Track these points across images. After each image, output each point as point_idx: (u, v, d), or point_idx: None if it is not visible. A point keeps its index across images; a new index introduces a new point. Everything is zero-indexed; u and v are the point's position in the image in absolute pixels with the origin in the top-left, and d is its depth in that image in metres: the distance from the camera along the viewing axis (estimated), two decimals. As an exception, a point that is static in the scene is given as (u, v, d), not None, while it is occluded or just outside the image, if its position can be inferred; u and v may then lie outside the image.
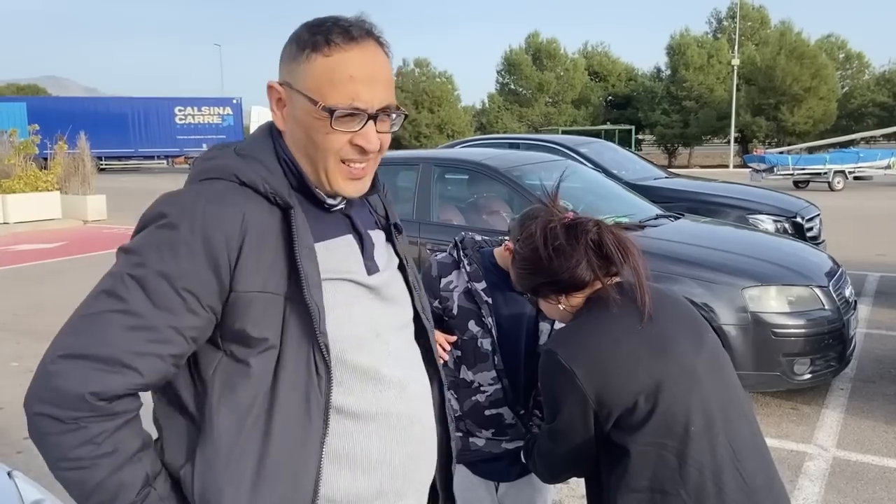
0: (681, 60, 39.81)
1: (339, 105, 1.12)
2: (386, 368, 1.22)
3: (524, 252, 1.61)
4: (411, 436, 1.25)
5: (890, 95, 39.02)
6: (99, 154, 34.50)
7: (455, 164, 5.85)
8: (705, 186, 8.06)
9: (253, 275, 1.10)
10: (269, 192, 1.14)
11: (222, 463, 1.09)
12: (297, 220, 1.14)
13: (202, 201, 1.10)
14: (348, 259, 1.22)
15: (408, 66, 46.90)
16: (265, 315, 1.11)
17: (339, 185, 1.19)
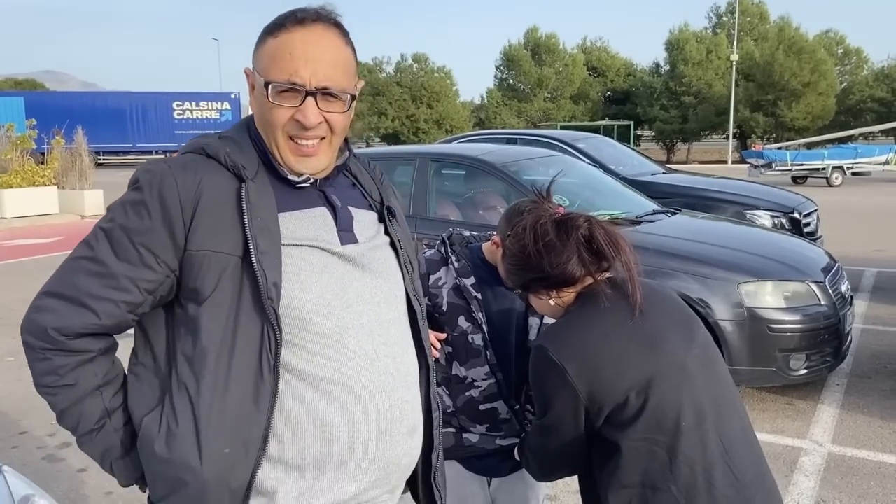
0: (680, 56, 39.79)
1: (274, 79, 1.20)
2: (353, 339, 1.24)
3: (514, 248, 1.59)
4: (377, 411, 1.25)
5: (888, 91, 39.01)
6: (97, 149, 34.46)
7: (452, 159, 5.85)
8: (702, 182, 8.05)
9: (207, 235, 1.18)
10: (229, 164, 1.22)
11: (181, 412, 1.18)
12: (251, 190, 1.21)
13: (167, 168, 1.21)
14: (317, 228, 1.27)
15: (406, 61, 46.87)
16: (218, 274, 1.18)
17: (291, 161, 1.25)
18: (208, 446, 1.16)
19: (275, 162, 1.26)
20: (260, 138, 1.28)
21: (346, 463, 1.23)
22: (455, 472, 2.09)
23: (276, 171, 1.26)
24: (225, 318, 1.17)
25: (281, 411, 1.19)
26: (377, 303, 1.29)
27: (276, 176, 1.27)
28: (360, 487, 1.26)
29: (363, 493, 1.27)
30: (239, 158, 1.23)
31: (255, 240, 1.17)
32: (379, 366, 1.26)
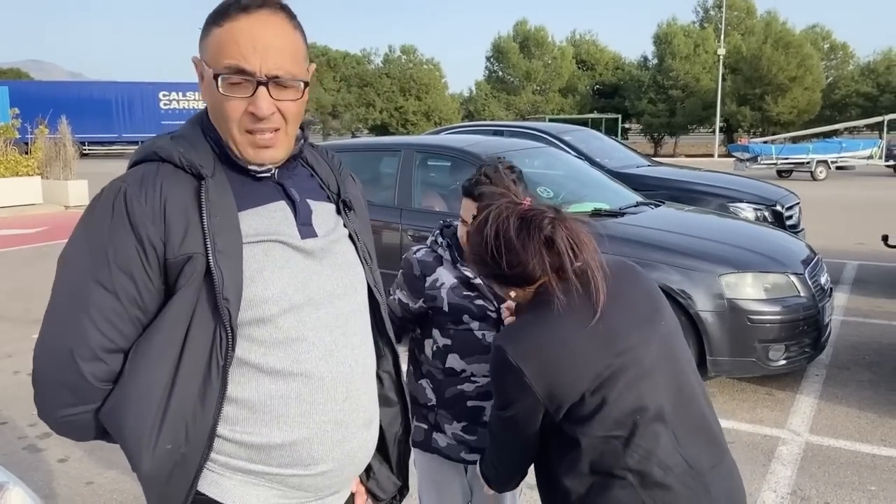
0: (667, 49, 39.85)
1: (221, 69, 1.16)
2: (312, 331, 1.24)
3: (475, 240, 1.55)
4: (334, 400, 1.25)
5: (874, 86, 39.28)
6: (82, 139, 34.13)
7: (437, 150, 5.84)
8: (687, 175, 8.10)
9: (179, 241, 1.17)
10: (184, 164, 1.20)
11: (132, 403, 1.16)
12: (209, 189, 1.19)
13: (125, 187, 1.18)
14: (278, 223, 1.25)
15: (394, 53, 46.71)
16: (190, 273, 1.17)
17: (249, 153, 1.22)
18: (160, 442, 1.16)
19: (232, 155, 1.23)
20: (214, 132, 1.24)
21: (297, 452, 1.22)
22: (431, 459, 2.10)
23: (234, 165, 1.24)
24: (182, 316, 1.16)
25: (235, 401, 1.20)
26: (337, 296, 1.28)
27: (235, 170, 1.24)
28: (313, 479, 1.25)
29: (316, 482, 1.26)
30: (194, 157, 1.20)
31: (212, 238, 1.16)
32: (337, 357, 1.26)
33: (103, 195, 1.19)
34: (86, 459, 3.75)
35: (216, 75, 1.16)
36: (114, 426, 1.17)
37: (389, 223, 5.40)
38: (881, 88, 39.12)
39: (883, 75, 39.53)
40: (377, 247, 5.83)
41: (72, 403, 1.16)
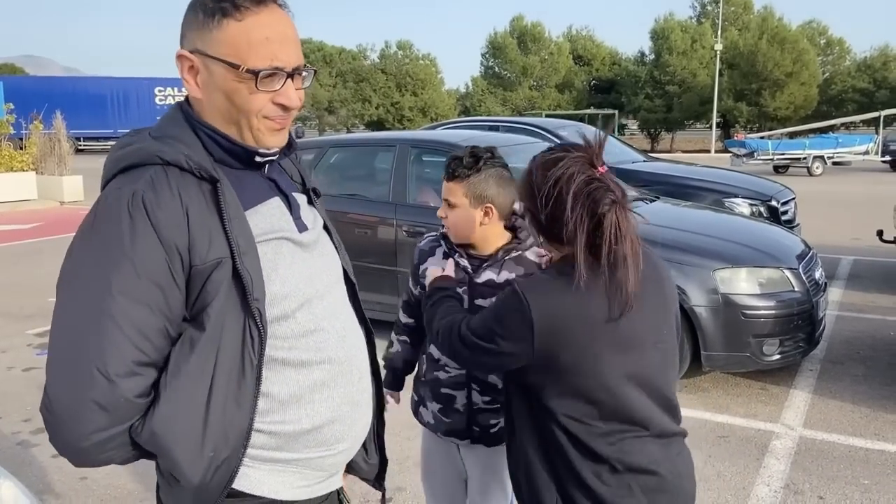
0: (664, 45, 39.85)
1: (260, 66, 1.16)
2: (325, 321, 1.27)
3: (538, 173, 1.51)
4: (351, 382, 1.31)
5: (870, 81, 39.35)
6: (77, 135, 33.97)
7: (431, 145, 5.83)
8: (682, 170, 8.10)
9: (206, 247, 1.14)
10: (193, 168, 1.17)
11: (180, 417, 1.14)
12: (225, 192, 1.17)
13: (138, 197, 1.12)
14: (281, 219, 1.26)
15: (390, 49, 46.62)
16: (216, 280, 1.15)
17: (266, 139, 1.23)
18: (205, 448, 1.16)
19: (242, 144, 1.22)
20: (210, 128, 1.22)
21: (323, 433, 1.27)
22: (424, 430, 2.19)
23: (226, 163, 1.23)
24: (220, 323, 1.14)
25: (266, 396, 1.21)
26: (332, 283, 1.33)
27: (230, 168, 1.24)
28: (333, 458, 1.31)
29: (336, 460, 1.32)
30: (197, 159, 1.18)
31: (236, 241, 1.15)
32: (348, 341, 1.32)
33: (112, 202, 1.13)
34: (79, 455, 3.75)
35: (252, 71, 1.15)
36: (159, 443, 1.13)
37: (384, 219, 5.39)
38: (877, 84, 39.18)
39: (879, 71, 39.60)
40: (372, 242, 5.83)
41: (105, 426, 1.10)
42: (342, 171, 6.06)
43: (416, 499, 3.31)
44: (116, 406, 1.09)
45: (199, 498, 1.18)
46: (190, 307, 1.15)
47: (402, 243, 5.29)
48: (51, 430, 1.11)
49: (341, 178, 5.98)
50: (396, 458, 3.69)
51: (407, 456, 3.72)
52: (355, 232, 5.43)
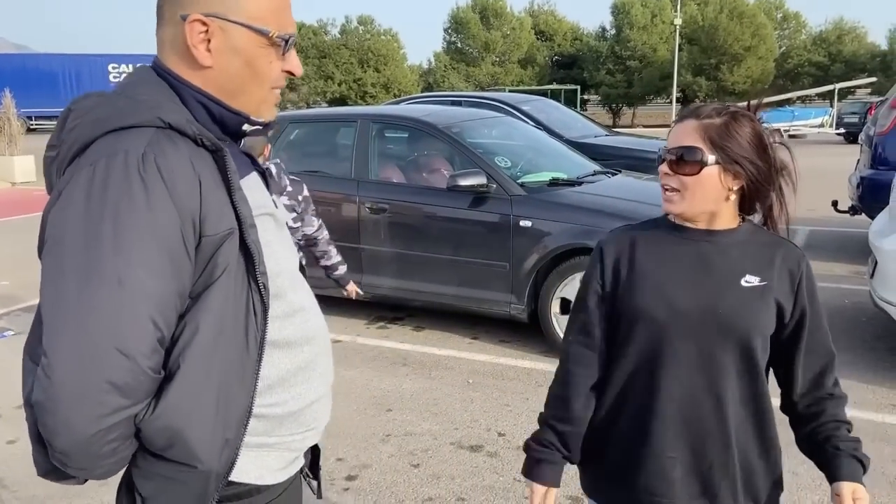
0: (625, 20, 40.00)
1: (287, 34, 1.15)
2: (305, 299, 1.28)
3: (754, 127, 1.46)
4: (327, 362, 1.32)
5: (825, 55, 40.06)
6: (28, 114, 32.93)
7: (393, 120, 5.77)
8: (644, 143, 8.17)
9: (217, 217, 1.07)
10: (196, 134, 1.09)
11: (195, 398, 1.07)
12: (229, 161, 1.11)
13: (151, 161, 1.03)
14: (262, 194, 1.23)
15: (351, 24, 45.96)
16: (226, 252, 1.09)
17: (267, 111, 1.21)
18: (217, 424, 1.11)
19: (246, 115, 1.18)
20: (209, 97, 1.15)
21: (306, 416, 1.26)
22: None
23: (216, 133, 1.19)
24: (230, 296, 1.09)
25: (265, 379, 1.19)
26: (295, 262, 1.32)
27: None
28: (313, 438, 1.31)
29: (310, 440, 1.32)
30: (201, 127, 1.11)
31: (243, 217, 1.10)
32: (320, 320, 1.32)
33: (117, 165, 1.01)
34: (37, 440, 3.67)
35: (285, 38, 1.15)
36: (174, 426, 1.05)
37: (347, 195, 5.34)
38: (832, 58, 39.91)
39: (834, 45, 40.32)
40: (336, 219, 5.79)
41: (117, 407, 1.00)
42: (302, 147, 5.97)
43: (382, 475, 3.32)
44: (134, 386, 1.00)
45: (206, 489, 1.10)
46: (195, 281, 1.07)
47: (364, 220, 5.25)
48: (51, 420, 0.99)
49: (302, 155, 5.90)
50: (362, 434, 3.69)
51: (373, 433, 3.73)
52: (318, 210, 5.37)
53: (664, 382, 1.46)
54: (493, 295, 4.87)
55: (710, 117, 1.43)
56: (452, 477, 3.29)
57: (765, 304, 1.45)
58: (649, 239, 1.54)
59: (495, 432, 3.73)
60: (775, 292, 1.45)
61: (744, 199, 1.48)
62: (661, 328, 1.46)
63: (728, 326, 1.43)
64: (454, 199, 4.94)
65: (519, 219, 4.72)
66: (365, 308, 5.66)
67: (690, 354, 1.44)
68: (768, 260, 1.48)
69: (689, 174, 1.42)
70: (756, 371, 1.45)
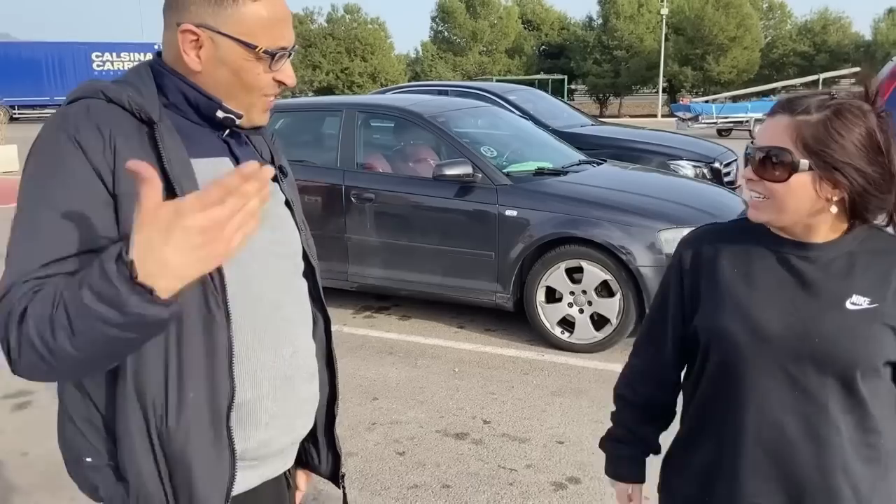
0: (612, 9, 39.97)
1: (276, 48, 1.20)
2: (258, 286, 1.24)
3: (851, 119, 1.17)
4: (282, 357, 1.27)
5: (810, 45, 40.20)
6: (10, 103, 32.60)
7: (379, 110, 5.77)
8: (629, 133, 8.20)
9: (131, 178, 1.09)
10: (134, 109, 1.16)
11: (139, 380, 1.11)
12: (163, 133, 1.16)
13: (71, 120, 1.13)
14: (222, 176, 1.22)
15: (338, 12, 45.68)
16: None
17: (258, 118, 1.27)
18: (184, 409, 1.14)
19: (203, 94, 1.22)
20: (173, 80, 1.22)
21: (255, 411, 1.23)
22: None
23: (181, 112, 1.23)
24: None
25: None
26: (277, 255, 1.30)
27: (184, 118, 1.23)
28: (268, 435, 1.26)
29: (270, 441, 1.27)
30: (142, 102, 1.18)
31: (178, 182, 1.13)
32: (283, 313, 1.28)
33: (48, 125, 1.16)
34: (22, 430, 3.66)
35: (271, 53, 1.19)
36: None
37: (332, 184, 5.33)
38: (817, 48, 40.07)
39: (819, 35, 40.46)
40: (320, 208, 5.78)
41: None
42: (287, 136, 5.94)
43: (368, 463, 3.34)
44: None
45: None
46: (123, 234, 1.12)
47: (350, 210, 5.25)
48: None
49: (287, 145, 5.86)
50: (349, 423, 3.71)
51: (359, 421, 3.75)
52: (304, 199, 5.35)
53: (748, 419, 1.26)
54: (478, 284, 4.89)
55: (807, 113, 1.17)
56: (438, 464, 3.31)
57: (876, 331, 1.19)
58: (737, 246, 1.31)
59: (480, 420, 3.76)
60: (889, 316, 1.20)
61: (854, 206, 1.20)
62: (743, 356, 1.25)
63: (826, 358, 1.20)
64: (440, 189, 4.94)
65: (504, 208, 4.74)
66: (351, 297, 5.67)
67: (780, 389, 1.23)
68: (883, 275, 1.22)
69: (777, 180, 1.18)
70: (865, 412, 1.22)
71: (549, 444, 3.49)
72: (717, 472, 1.31)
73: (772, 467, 1.25)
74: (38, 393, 4.05)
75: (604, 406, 3.91)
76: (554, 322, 4.70)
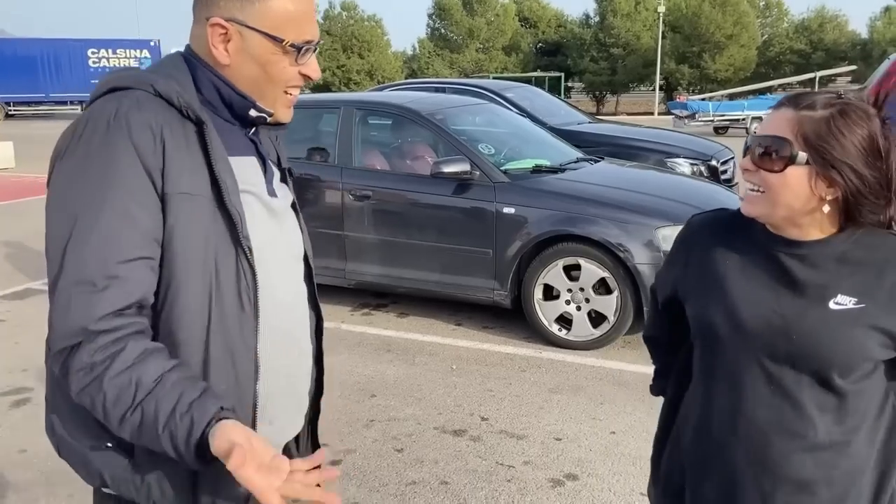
0: (609, 7, 39.94)
1: (302, 42, 1.22)
2: (280, 289, 1.28)
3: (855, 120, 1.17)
4: (289, 356, 1.32)
5: (807, 43, 40.25)
6: (6, 99, 32.52)
7: (377, 107, 5.77)
8: (626, 131, 8.21)
9: (179, 177, 1.14)
10: (182, 105, 1.18)
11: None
12: (211, 133, 1.19)
13: (122, 116, 1.12)
14: (253, 175, 1.28)
15: (335, 10, 45.61)
16: (197, 215, 1.15)
17: (281, 112, 1.29)
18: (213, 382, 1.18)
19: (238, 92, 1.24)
20: (207, 75, 1.24)
21: (265, 408, 1.26)
22: None
23: (217, 112, 1.25)
24: (210, 262, 1.16)
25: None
26: (292, 256, 1.35)
27: (218, 116, 1.26)
28: (272, 432, 1.28)
29: (273, 437, 1.27)
30: (188, 99, 1.19)
31: (223, 179, 1.17)
32: (295, 315, 1.33)
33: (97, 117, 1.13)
34: (19, 426, 3.66)
35: (298, 47, 1.21)
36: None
37: (330, 182, 5.33)
38: (814, 46, 40.12)
39: (816, 33, 40.52)
40: (318, 206, 5.78)
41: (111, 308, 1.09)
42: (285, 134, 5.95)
43: (366, 459, 3.35)
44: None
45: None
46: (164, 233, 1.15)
47: (348, 207, 5.25)
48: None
49: (285, 141, 5.86)
50: (346, 420, 3.71)
51: (356, 419, 3.75)
52: (302, 197, 5.36)
53: (726, 407, 1.30)
54: (476, 281, 4.90)
55: (811, 108, 1.18)
56: (436, 461, 3.32)
57: (857, 333, 1.19)
58: (731, 239, 1.32)
59: (478, 417, 3.77)
60: (876, 317, 1.19)
61: (848, 208, 1.20)
62: (724, 349, 1.28)
63: (801, 356, 1.22)
64: (438, 186, 4.95)
65: (502, 206, 4.74)
66: (349, 295, 5.67)
67: (758, 383, 1.25)
68: (875, 275, 1.21)
69: (773, 170, 1.19)
70: (844, 410, 1.23)
71: (546, 441, 3.50)
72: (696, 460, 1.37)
73: (748, 463, 1.28)
74: (36, 390, 4.05)
75: (601, 403, 3.92)
76: (551, 319, 4.71)
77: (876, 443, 1.26)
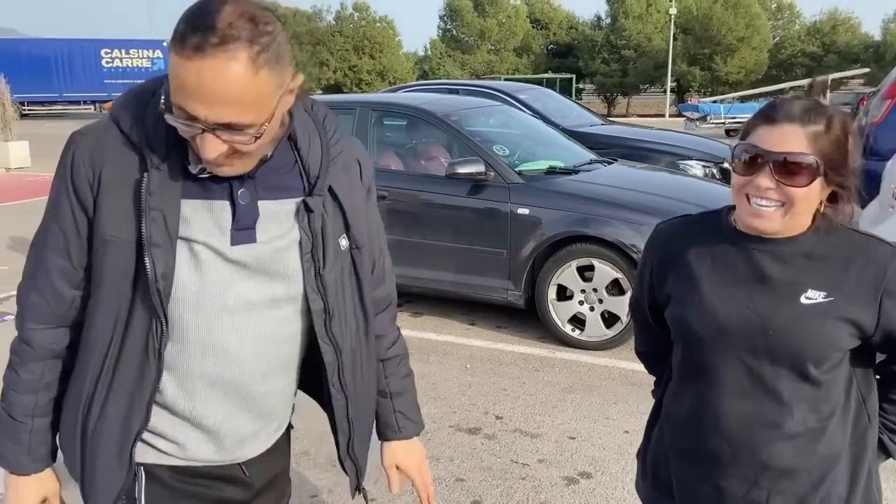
0: (620, 8, 39.91)
1: (183, 116, 1.07)
2: (216, 335, 1.22)
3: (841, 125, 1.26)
4: (238, 399, 1.29)
5: (819, 45, 40.06)
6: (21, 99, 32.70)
7: (392, 108, 5.81)
8: (639, 133, 8.23)
9: (108, 219, 1.17)
10: (140, 146, 1.17)
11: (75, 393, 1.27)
12: (153, 179, 1.15)
13: (79, 136, 1.21)
14: (213, 224, 1.19)
15: (346, 10, 45.77)
16: (114, 259, 1.18)
17: (211, 168, 1.15)
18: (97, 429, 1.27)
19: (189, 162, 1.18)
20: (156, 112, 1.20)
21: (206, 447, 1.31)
22: None
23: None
24: (118, 305, 1.20)
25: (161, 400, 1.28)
26: (261, 302, 1.24)
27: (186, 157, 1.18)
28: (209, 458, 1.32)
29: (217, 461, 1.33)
30: (152, 137, 1.15)
31: (149, 231, 1.14)
32: (240, 361, 1.25)
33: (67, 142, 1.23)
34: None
35: (169, 107, 1.09)
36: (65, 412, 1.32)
37: (345, 182, 5.37)
38: (826, 48, 39.92)
39: (828, 35, 40.31)
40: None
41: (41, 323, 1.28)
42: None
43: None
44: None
45: None
46: (91, 267, 1.23)
47: (363, 207, 5.28)
48: None
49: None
50: (363, 417, 3.76)
51: (373, 415, 3.79)
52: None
53: (708, 402, 1.35)
54: (490, 281, 4.94)
55: (813, 123, 1.23)
56: (451, 458, 3.37)
57: (828, 325, 1.25)
58: (703, 240, 1.36)
59: (493, 415, 3.81)
60: (845, 309, 1.25)
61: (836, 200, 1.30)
62: (704, 348, 1.33)
63: (778, 350, 1.27)
64: (453, 187, 4.99)
65: (516, 206, 4.78)
66: (363, 294, 5.70)
67: (739, 379, 1.31)
68: (841, 269, 1.26)
69: (800, 186, 1.21)
70: (820, 399, 1.29)
71: (560, 440, 3.54)
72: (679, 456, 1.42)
73: (732, 454, 1.33)
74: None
75: (614, 402, 3.95)
76: (565, 319, 4.74)
77: (847, 426, 1.32)
